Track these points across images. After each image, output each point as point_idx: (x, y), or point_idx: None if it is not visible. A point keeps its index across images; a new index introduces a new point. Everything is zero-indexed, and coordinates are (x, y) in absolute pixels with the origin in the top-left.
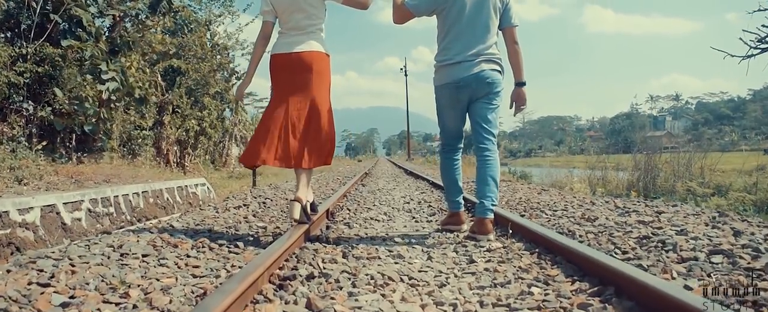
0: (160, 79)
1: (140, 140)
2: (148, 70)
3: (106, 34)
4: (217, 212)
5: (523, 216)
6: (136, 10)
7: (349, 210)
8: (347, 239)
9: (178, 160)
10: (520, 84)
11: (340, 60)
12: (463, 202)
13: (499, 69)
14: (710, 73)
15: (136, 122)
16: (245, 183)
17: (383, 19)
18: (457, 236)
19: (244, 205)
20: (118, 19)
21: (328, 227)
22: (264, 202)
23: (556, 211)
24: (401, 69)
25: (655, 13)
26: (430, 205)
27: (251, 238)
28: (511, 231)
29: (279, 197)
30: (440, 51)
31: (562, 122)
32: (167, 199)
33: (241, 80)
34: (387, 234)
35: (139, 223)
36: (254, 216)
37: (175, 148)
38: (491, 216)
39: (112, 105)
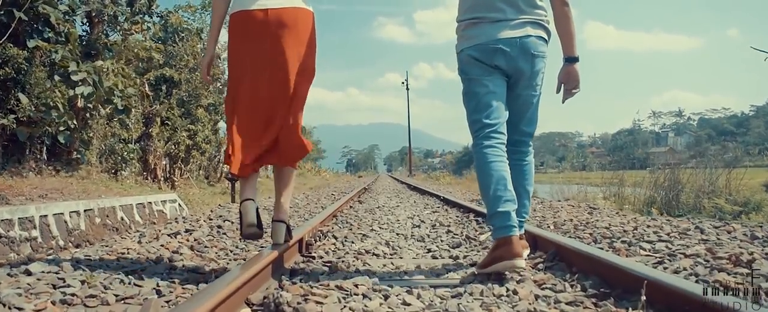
0: (147, 88)
1: (125, 154)
2: (138, 80)
3: (84, 37)
4: (140, 242)
5: (602, 250)
6: (115, 10)
7: (336, 238)
8: (322, 297)
9: (167, 176)
10: (570, 60)
11: (340, 76)
12: (517, 219)
13: (546, 37)
14: (711, 89)
15: (119, 134)
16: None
17: (384, 35)
18: (519, 287)
19: (188, 230)
20: (96, 21)
21: (293, 271)
22: (219, 226)
23: (652, 243)
24: (403, 83)
25: (657, 29)
26: (448, 230)
27: (148, 297)
28: (644, 296)
29: None
30: (468, 8)
31: (564, 138)
32: (122, 218)
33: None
34: (390, 283)
35: (78, 249)
36: (192, 249)
37: (164, 162)
38: (521, 232)
39: (88, 113)
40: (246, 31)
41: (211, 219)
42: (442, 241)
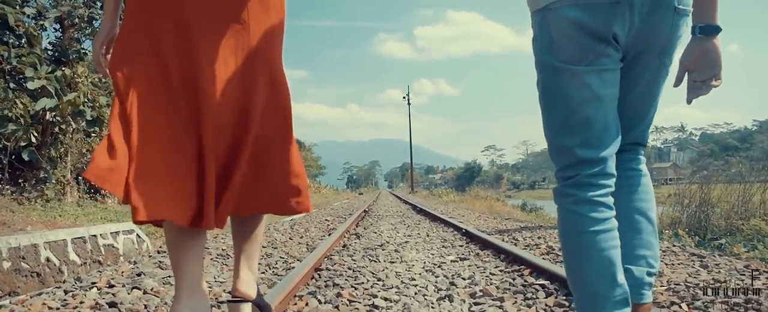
0: None
1: None
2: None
3: (54, 41)
4: None
5: None
6: (90, 13)
7: None
8: None
9: None
10: (708, 30)
11: (341, 92)
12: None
13: None
14: (711, 105)
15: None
16: None
17: (385, 51)
18: None
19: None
20: (68, 25)
21: None
22: (112, 304)
23: None
24: (404, 97)
25: None
26: (499, 307)
27: None
28: None
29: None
30: None
31: None
32: (48, 260)
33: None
34: None
35: None
36: None
37: None
38: (649, 300)
39: (58, 127)
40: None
41: (108, 288)
42: None
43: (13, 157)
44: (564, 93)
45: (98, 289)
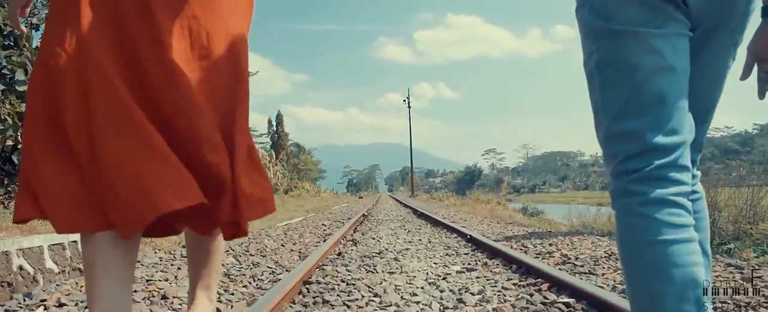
0: None
1: None
2: None
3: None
4: None
5: None
6: None
7: None
8: None
9: None
10: None
11: (341, 96)
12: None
13: None
14: None
15: None
16: None
17: (385, 54)
18: None
19: None
20: None
21: None
22: None
23: None
24: (404, 101)
25: None
26: None
27: None
28: None
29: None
30: None
31: (566, 158)
32: (21, 268)
33: None
34: None
35: None
36: None
37: None
38: None
39: None
40: None
41: (58, 306)
42: None
43: (1, 160)
44: (628, 62)
45: (45, 308)
